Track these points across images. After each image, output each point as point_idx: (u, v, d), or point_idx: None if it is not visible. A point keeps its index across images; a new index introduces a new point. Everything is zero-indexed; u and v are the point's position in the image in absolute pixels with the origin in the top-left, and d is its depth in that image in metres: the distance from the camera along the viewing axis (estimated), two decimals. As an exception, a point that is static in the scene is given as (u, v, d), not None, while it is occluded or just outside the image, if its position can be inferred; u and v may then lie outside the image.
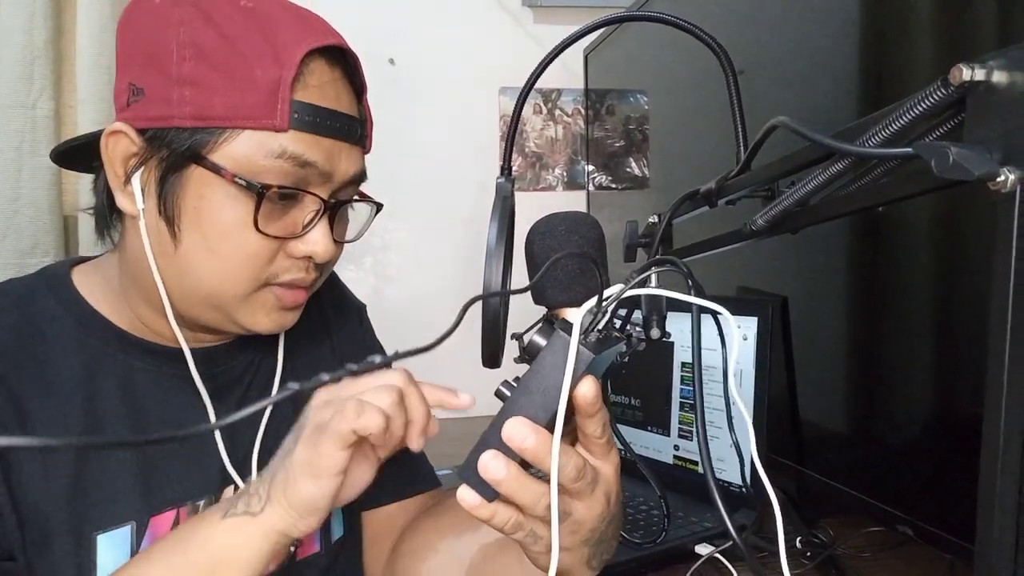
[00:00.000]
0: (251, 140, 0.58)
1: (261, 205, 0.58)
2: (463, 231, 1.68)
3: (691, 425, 1.03)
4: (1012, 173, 0.30)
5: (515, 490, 0.47)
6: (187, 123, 0.58)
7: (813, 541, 0.87)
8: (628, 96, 1.56)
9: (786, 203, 0.48)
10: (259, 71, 0.57)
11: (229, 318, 0.63)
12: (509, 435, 0.46)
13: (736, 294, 1.09)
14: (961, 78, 0.32)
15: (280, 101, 0.57)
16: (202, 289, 0.61)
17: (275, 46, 0.58)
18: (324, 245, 0.62)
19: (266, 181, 0.59)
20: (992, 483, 0.31)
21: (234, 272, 0.60)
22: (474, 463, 0.47)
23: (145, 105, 0.59)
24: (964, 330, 0.70)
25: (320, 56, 0.60)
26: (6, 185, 1.26)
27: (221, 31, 0.58)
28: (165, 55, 0.58)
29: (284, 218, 0.61)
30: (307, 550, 0.73)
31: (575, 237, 0.54)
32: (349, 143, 0.63)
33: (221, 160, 0.58)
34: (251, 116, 0.57)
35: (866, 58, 0.82)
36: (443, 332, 0.44)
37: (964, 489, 0.65)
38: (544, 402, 0.46)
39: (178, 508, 0.65)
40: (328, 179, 0.62)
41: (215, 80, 0.57)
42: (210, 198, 0.59)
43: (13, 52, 1.26)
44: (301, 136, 0.59)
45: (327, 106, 0.60)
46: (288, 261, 0.62)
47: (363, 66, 0.66)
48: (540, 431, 0.46)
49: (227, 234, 0.59)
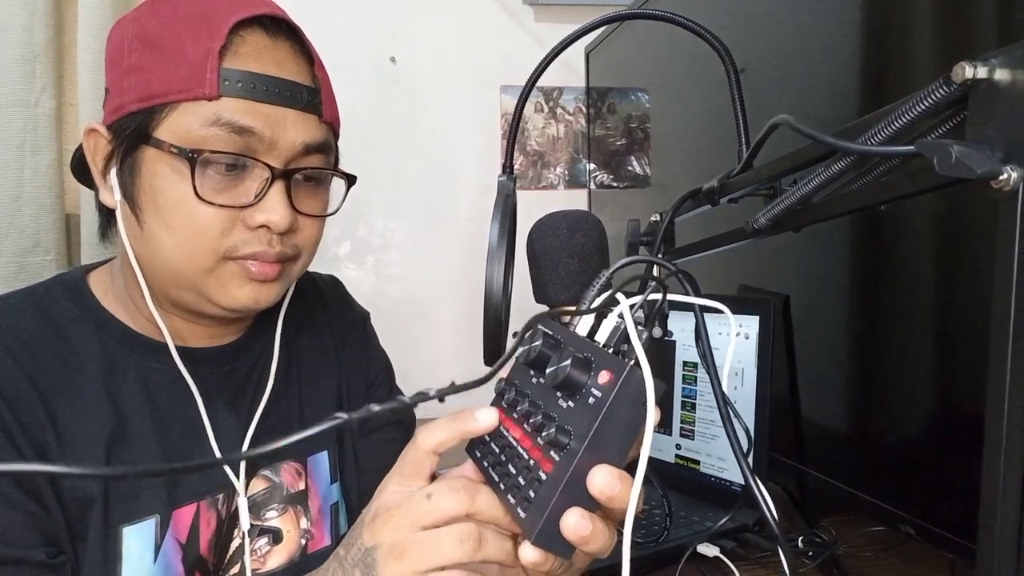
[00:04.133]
0: (187, 112, 0.60)
1: (197, 172, 0.60)
2: (464, 230, 1.68)
3: (693, 424, 1.03)
4: (1014, 172, 0.30)
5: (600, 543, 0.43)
6: (134, 107, 0.61)
7: (815, 540, 0.87)
8: (630, 94, 1.55)
9: (788, 201, 0.48)
10: (190, 46, 0.60)
11: (203, 296, 0.64)
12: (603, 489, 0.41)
13: (738, 292, 1.09)
14: (963, 76, 0.32)
15: (208, 70, 0.59)
16: (168, 268, 0.63)
17: (208, 22, 0.60)
18: (280, 213, 0.62)
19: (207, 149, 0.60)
20: (994, 482, 0.31)
21: (191, 246, 0.61)
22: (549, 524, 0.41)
23: (109, 101, 0.64)
24: (966, 329, 0.70)
25: (256, 26, 0.62)
26: (8, 184, 1.26)
27: (163, 19, 0.62)
28: (119, 52, 0.63)
29: (234, 188, 0.62)
30: (319, 543, 0.75)
31: (577, 236, 0.54)
32: (296, 109, 0.63)
33: (163, 135, 0.60)
34: (183, 88, 0.59)
35: (868, 56, 0.82)
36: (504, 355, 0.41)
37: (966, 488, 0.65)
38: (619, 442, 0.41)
39: (198, 502, 0.67)
40: (273, 146, 0.62)
41: (153, 62, 0.61)
42: (160, 175, 0.61)
43: (14, 51, 1.26)
44: (236, 103, 0.60)
45: (263, 72, 0.61)
46: (248, 233, 0.63)
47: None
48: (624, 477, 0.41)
49: (176, 207, 0.61)
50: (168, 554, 0.65)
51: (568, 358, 0.43)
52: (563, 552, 0.43)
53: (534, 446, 0.44)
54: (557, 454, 0.42)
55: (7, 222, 1.26)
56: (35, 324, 0.65)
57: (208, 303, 0.65)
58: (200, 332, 0.70)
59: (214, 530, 0.68)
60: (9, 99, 1.26)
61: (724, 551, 0.84)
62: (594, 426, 0.40)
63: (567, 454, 0.41)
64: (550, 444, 0.42)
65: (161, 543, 0.64)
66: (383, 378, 0.87)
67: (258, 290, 0.65)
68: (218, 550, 0.68)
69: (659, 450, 1.08)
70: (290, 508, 0.73)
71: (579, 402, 0.42)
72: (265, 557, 0.71)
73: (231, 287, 0.64)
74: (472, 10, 1.68)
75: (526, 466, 0.44)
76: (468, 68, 1.69)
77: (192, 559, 0.66)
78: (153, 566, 0.64)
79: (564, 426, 0.42)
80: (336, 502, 0.78)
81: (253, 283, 0.64)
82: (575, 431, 0.42)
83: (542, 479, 0.42)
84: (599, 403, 0.41)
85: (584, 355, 0.44)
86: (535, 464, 0.44)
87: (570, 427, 0.42)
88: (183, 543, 0.66)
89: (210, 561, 0.68)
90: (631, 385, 0.40)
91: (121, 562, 0.62)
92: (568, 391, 0.43)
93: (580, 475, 0.41)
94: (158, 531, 0.64)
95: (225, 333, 0.72)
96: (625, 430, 0.41)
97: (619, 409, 0.40)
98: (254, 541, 0.71)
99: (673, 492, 0.99)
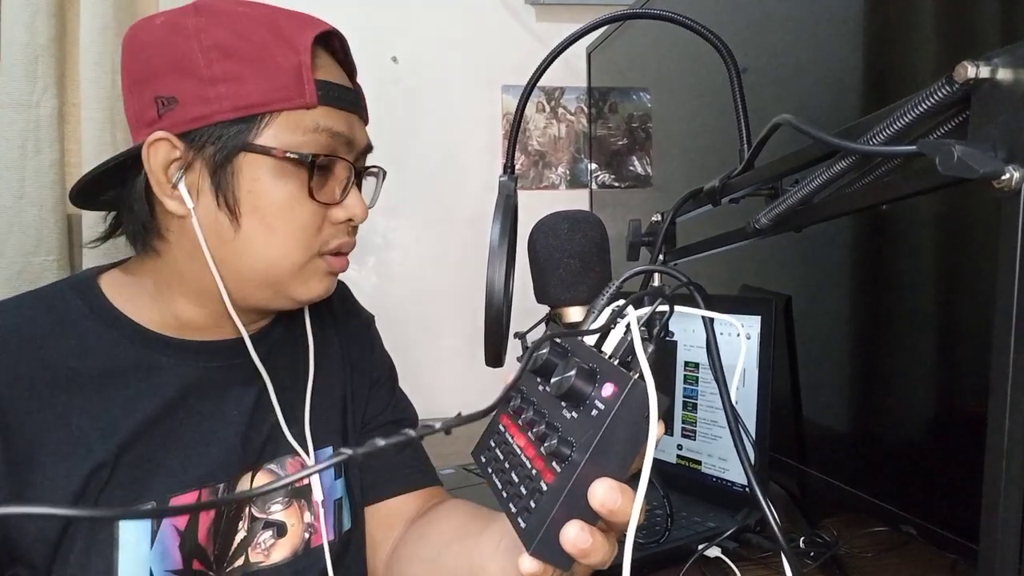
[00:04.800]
0: (288, 120, 0.64)
1: (313, 175, 0.65)
2: (465, 230, 1.68)
3: (694, 425, 1.03)
4: (1016, 171, 0.30)
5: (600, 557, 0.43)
6: (228, 116, 0.63)
7: (816, 541, 0.87)
8: (631, 94, 1.55)
9: (790, 201, 0.48)
10: (280, 59, 0.64)
11: (282, 292, 0.69)
12: (604, 503, 0.41)
13: (739, 293, 1.08)
14: (966, 75, 0.32)
15: (306, 81, 0.64)
16: (260, 268, 0.67)
17: (284, 37, 0.65)
18: (361, 207, 0.70)
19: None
20: (996, 483, 0.31)
21: (292, 244, 0.66)
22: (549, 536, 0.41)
23: (181, 111, 0.64)
24: (968, 329, 0.70)
25: (319, 42, 0.67)
26: (10, 184, 1.27)
27: (235, 31, 0.64)
28: (192, 61, 0.63)
29: (324, 187, 0.68)
30: (321, 538, 0.75)
31: (578, 236, 0.54)
32: (359, 115, 0.71)
33: (267, 142, 0.64)
34: (285, 98, 0.64)
35: (870, 56, 0.82)
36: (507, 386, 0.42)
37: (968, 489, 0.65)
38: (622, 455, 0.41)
39: (199, 490, 0.68)
40: (351, 147, 0.69)
41: (245, 73, 0.63)
42: (263, 179, 0.65)
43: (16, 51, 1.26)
44: (328, 111, 0.66)
45: (338, 82, 0.68)
46: (333, 228, 0.69)
47: (366, 64, 0.73)
48: (625, 490, 0.42)
49: (283, 209, 0.65)
50: (165, 540, 0.65)
51: (573, 368, 0.43)
52: (561, 564, 0.42)
53: (537, 455, 0.44)
54: (559, 465, 0.42)
55: (9, 222, 1.27)
56: (43, 321, 0.66)
57: (283, 298, 0.70)
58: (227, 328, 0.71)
59: (213, 519, 0.69)
60: (11, 99, 1.26)
61: (726, 551, 0.84)
62: (596, 439, 0.40)
63: (568, 466, 0.41)
64: (552, 455, 0.42)
65: (157, 529, 0.65)
66: (386, 378, 0.88)
67: (332, 282, 0.72)
68: (220, 540, 0.69)
69: (661, 450, 1.08)
70: (294, 502, 0.74)
71: (583, 413, 0.42)
72: (269, 550, 0.72)
73: (313, 281, 0.70)
74: (474, 10, 1.68)
75: (528, 475, 0.44)
76: (469, 68, 1.69)
77: (190, 546, 0.67)
78: (150, 552, 0.64)
79: (567, 437, 0.42)
80: (340, 497, 0.78)
81: (329, 276, 0.71)
82: (577, 443, 0.41)
83: (543, 490, 0.42)
84: (602, 415, 0.41)
85: (589, 366, 0.43)
86: (537, 474, 0.44)
87: (572, 438, 0.42)
88: (181, 530, 0.66)
89: (210, 551, 0.68)
90: (635, 399, 0.40)
91: (118, 549, 0.63)
92: (572, 401, 0.43)
93: (581, 487, 0.41)
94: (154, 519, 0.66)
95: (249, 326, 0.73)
96: (627, 443, 0.41)
97: (622, 422, 0.40)
98: (259, 534, 0.71)
99: (674, 492, 0.99)
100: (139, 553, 0.64)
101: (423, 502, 0.81)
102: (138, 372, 0.67)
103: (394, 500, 0.80)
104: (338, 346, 0.83)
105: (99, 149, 1.29)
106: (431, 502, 0.81)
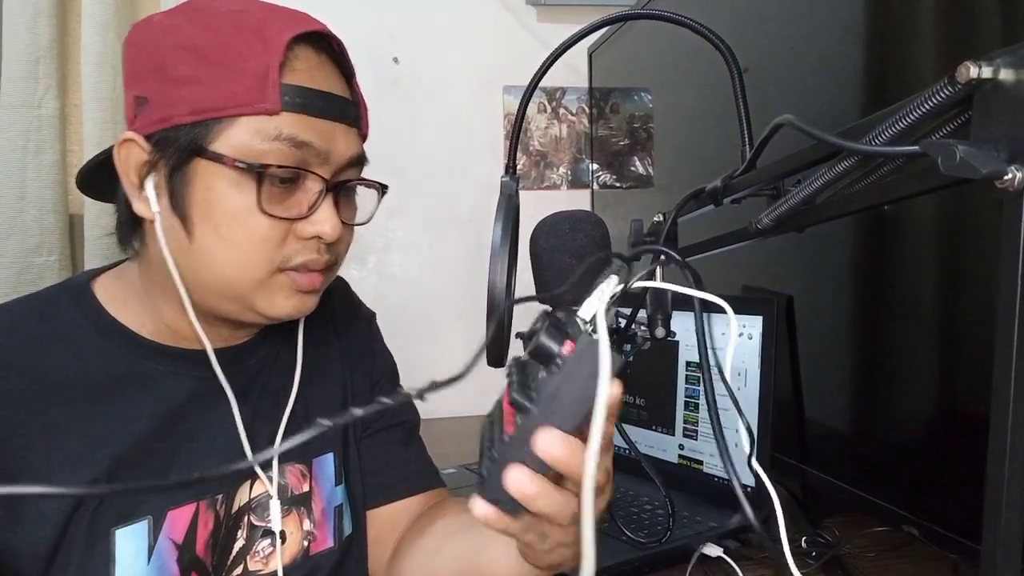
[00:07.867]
0: (247, 126, 0.60)
1: (263, 186, 0.61)
2: (467, 230, 1.68)
3: (696, 424, 1.03)
4: (1019, 171, 0.30)
5: (545, 505, 0.45)
6: (187, 119, 0.60)
7: (818, 541, 0.87)
8: (632, 94, 1.55)
9: (791, 202, 0.48)
10: (249, 61, 0.60)
11: (247, 307, 0.65)
12: (545, 449, 0.42)
13: (741, 293, 1.08)
14: (968, 76, 0.32)
15: (270, 85, 0.60)
16: (219, 280, 0.63)
17: (263, 37, 0.61)
18: (331, 224, 0.64)
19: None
20: (999, 483, 0.31)
21: (247, 258, 0.62)
22: (497, 480, 0.44)
23: (150, 112, 0.62)
24: (970, 329, 0.69)
25: (305, 43, 0.63)
26: (11, 184, 1.27)
27: (212, 31, 0.61)
28: (164, 62, 0.61)
29: (288, 200, 0.63)
30: (321, 545, 0.75)
31: (580, 236, 0.54)
32: (344, 124, 0.65)
33: (221, 149, 0.60)
34: (244, 103, 0.60)
35: (872, 56, 0.82)
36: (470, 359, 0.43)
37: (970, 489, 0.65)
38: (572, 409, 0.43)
39: (197, 502, 0.67)
40: (326, 160, 0.64)
41: (209, 75, 0.60)
42: (216, 188, 0.61)
43: (18, 51, 1.26)
44: (295, 118, 0.61)
45: (317, 88, 0.63)
46: (299, 243, 0.64)
47: (367, 65, 0.69)
48: (573, 442, 0.43)
49: (236, 220, 0.61)
50: (163, 555, 0.64)
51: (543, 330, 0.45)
52: (509, 509, 0.45)
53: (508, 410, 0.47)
54: (519, 418, 0.44)
55: (10, 223, 1.27)
56: (35, 332, 0.65)
57: (251, 312, 0.66)
58: (214, 335, 0.69)
59: (211, 530, 0.68)
60: (13, 100, 1.27)
61: (727, 551, 0.84)
62: (548, 391, 0.42)
63: (525, 418, 0.44)
64: (515, 408, 0.44)
65: (155, 544, 0.64)
66: (387, 378, 0.87)
67: (302, 300, 0.67)
68: (217, 551, 0.68)
69: (662, 450, 1.08)
70: (293, 510, 0.73)
71: (549, 371, 0.44)
72: (268, 558, 0.71)
73: (278, 298, 0.65)
74: (475, 10, 1.68)
75: (501, 429, 0.47)
76: (471, 68, 1.69)
77: (188, 559, 0.66)
78: (147, 567, 0.63)
79: (530, 393, 0.44)
80: (340, 504, 0.77)
81: (299, 294, 0.66)
82: (537, 397, 0.43)
83: (505, 441, 0.45)
84: (559, 371, 0.43)
85: (561, 329, 0.45)
86: (502, 427, 0.46)
87: (535, 394, 0.44)
88: (179, 543, 0.65)
89: (208, 562, 0.67)
90: (588, 355, 0.42)
91: (114, 564, 0.62)
92: (543, 361, 0.45)
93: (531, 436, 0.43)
94: (151, 532, 0.64)
95: (240, 335, 0.72)
96: (579, 399, 0.42)
97: (576, 377, 0.42)
98: (257, 542, 0.71)
99: (676, 492, 0.99)
100: (136, 569, 0.63)
101: (425, 503, 0.81)
102: (132, 382, 0.66)
103: (399, 503, 0.80)
104: (338, 346, 0.82)
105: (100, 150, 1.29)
106: (433, 502, 0.81)
